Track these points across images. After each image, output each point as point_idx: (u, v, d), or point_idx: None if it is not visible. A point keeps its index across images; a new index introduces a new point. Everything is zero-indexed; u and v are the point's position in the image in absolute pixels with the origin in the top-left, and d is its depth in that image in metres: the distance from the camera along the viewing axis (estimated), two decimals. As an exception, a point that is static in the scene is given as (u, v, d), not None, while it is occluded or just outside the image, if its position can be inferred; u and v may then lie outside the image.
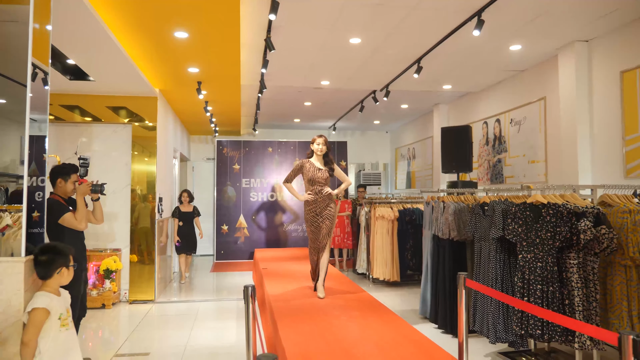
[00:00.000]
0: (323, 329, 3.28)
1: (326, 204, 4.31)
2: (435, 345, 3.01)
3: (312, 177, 4.28)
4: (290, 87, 7.38)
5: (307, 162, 4.39)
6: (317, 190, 4.26)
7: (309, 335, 3.14)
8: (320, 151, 4.34)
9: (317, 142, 4.36)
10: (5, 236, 2.72)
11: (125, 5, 3.61)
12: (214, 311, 5.68)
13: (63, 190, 3.39)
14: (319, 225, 4.28)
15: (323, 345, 2.94)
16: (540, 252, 3.42)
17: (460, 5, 4.25)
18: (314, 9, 4.32)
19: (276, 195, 10.15)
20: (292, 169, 4.51)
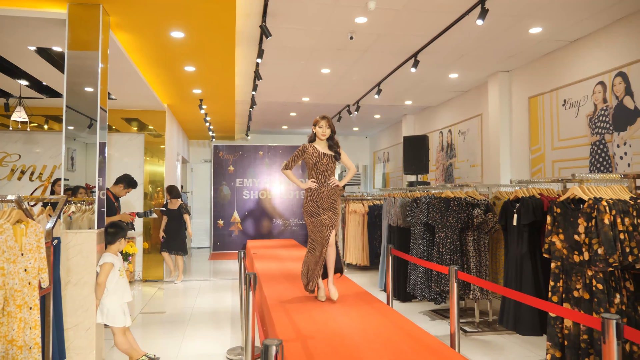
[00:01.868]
0: (298, 287, 4.65)
1: (331, 198, 3.83)
2: (374, 297, 4.39)
3: (317, 162, 3.78)
4: (277, 102, 8.76)
5: (309, 146, 3.84)
6: (322, 179, 3.79)
7: (289, 292, 4.51)
8: (324, 135, 3.81)
9: (320, 124, 3.82)
10: (74, 218, 4.07)
11: (148, 48, 4.95)
12: (213, 287, 7.03)
13: (117, 191, 4.79)
14: (320, 217, 3.79)
15: (300, 297, 4.32)
16: (449, 232, 4.81)
17: (401, 48, 5.65)
18: (291, 51, 5.69)
19: (266, 194, 11.50)
20: (292, 155, 3.95)
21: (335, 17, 4.69)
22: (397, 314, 3.62)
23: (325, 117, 3.86)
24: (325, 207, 3.79)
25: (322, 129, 3.82)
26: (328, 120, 3.86)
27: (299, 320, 3.40)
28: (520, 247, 3.63)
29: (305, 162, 3.88)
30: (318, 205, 3.80)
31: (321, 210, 3.79)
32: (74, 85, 3.85)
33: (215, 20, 4.10)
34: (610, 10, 4.53)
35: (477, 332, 4.54)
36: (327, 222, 3.79)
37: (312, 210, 3.82)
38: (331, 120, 3.88)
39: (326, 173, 3.81)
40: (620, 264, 2.63)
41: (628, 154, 4.60)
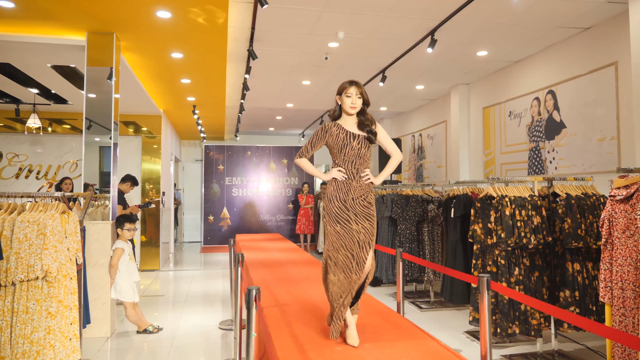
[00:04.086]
0: (279, 270, 5.48)
1: (366, 200, 2.73)
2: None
3: (344, 146, 2.73)
4: (264, 107, 9.57)
5: (333, 125, 2.80)
6: (354, 170, 2.73)
7: (272, 274, 5.34)
8: (353, 107, 2.72)
9: (348, 92, 2.73)
10: (90, 212, 4.85)
11: (150, 65, 5.72)
12: (204, 275, 7.83)
13: (124, 188, 5.62)
14: (351, 225, 2.66)
15: (277, 276, 5.15)
16: (408, 224, 5.67)
17: (371, 66, 6.49)
18: (275, 67, 6.51)
19: (254, 191, 12.30)
20: (309, 139, 2.89)
21: (311, 43, 5.52)
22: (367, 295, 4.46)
23: (355, 83, 2.74)
24: (357, 212, 2.66)
25: (352, 98, 2.70)
26: (359, 87, 2.73)
27: (278, 293, 4.23)
28: (455, 234, 4.50)
29: (329, 148, 2.82)
30: (347, 206, 2.67)
31: (352, 216, 2.65)
32: (91, 100, 4.63)
33: (209, 44, 4.90)
34: (541, 39, 5.40)
35: (431, 308, 5.40)
36: (362, 235, 2.62)
37: (337, 212, 2.67)
38: (363, 87, 2.77)
39: (358, 161, 2.72)
40: (517, 245, 3.51)
41: (555, 159, 5.51)
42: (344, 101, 2.78)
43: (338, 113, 2.88)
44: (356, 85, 2.78)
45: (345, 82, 2.82)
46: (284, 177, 12.38)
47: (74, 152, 8.58)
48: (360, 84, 2.81)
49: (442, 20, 4.79)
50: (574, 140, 5.22)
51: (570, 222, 3.63)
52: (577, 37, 5.18)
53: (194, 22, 4.23)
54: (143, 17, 4.14)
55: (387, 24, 4.92)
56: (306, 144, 2.89)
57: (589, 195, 3.80)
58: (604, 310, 3.72)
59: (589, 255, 3.76)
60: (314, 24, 4.95)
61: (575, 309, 3.65)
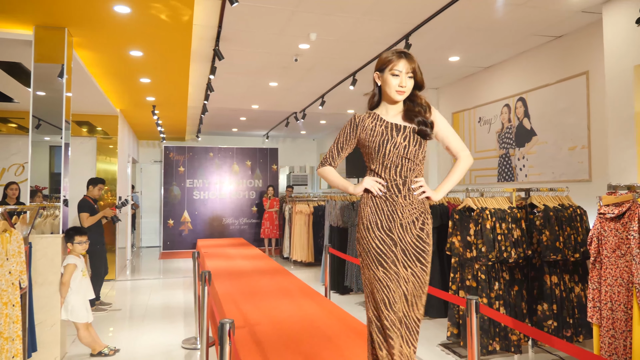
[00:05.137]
0: (246, 281, 5.21)
1: (417, 221, 1.95)
2: (312, 289, 5.02)
3: (383, 143, 1.98)
4: (228, 108, 9.22)
5: (367, 115, 2.07)
6: (398, 180, 1.96)
7: (238, 286, 5.06)
8: (402, 90, 1.99)
9: (396, 67, 1.98)
10: (37, 223, 4.43)
11: (107, 63, 5.31)
12: (164, 285, 7.44)
13: (91, 193, 5.24)
14: (397, 269, 1.89)
15: (243, 288, 4.87)
16: (379, 232, 5.52)
17: (341, 69, 6.31)
18: (241, 67, 6.21)
19: (216, 194, 11.89)
20: (337, 136, 2.15)
21: (281, 44, 5.27)
22: (331, 303, 4.26)
23: (406, 55, 2.00)
24: (407, 248, 1.89)
25: (400, 78, 1.97)
26: (411, 61, 2.00)
27: (247, 310, 3.97)
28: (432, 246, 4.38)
29: (363, 150, 2.08)
30: (393, 239, 1.89)
31: (399, 254, 1.88)
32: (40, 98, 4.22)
33: (172, 43, 4.57)
34: (513, 46, 5.37)
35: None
36: (410, 286, 1.89)
37: (380, 249, 1.90)
38: (416, 61, 2.03)
39: (405, 166, 1.95)
40: (497, 259, 3.40)
41: (525, 166, 5.50)
42: (388, 81, 1.99)
43: (377, 98, 2.09)
44: (407, 58, 1.99)
45: (390, 52, 2.01)
46: (248, 180, 12.06)
47: (21, 153, 7.95)
48: (412, 56, 2.02)
49: (417, 25, 4.66)
50: (544, 148, 5.21)
51: (549, 235, 3.57)
52: (548, 45, 5.18)
53: (156, 19, 3.90)
54: (99, 11, 3.78)
55: (362, 26, 4.75)
56: (331, 147, 2.17)
57: (566, 206, 3.75)
58: (581, 323, 3.67)
59: (566, 268, 3.71)
60: (286, 24, 4.71)
61: (553, 322, 3.59)
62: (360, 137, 2.07)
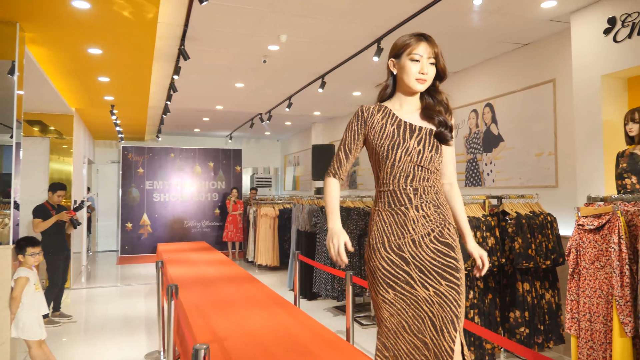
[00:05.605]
0: (211, 290, 5.01)
1: (434, 233, 1.70)
2: (280, 297, 4.88)
3: (395, 145, 1.72)
4: (191, 108, 8.93)
5: (377, 108, 1.80)
6: (410, 190, 1.71)
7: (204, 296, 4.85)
8: (422, 80, 1.74)
9: (415, 52, 1.73)
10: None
11: (62, 60, 4.98)
12: (123, 293, 7.10)
13: (51, 199, 4.92)
14: (413, 291, 1.67)
15: (210, 297, 4.68)
16: (349, 237, 5.44)
17: (310, 71, 6.20)
18: (207, 67, 5.99)
19: (177, 196, 11.53)
20: (344, 136, 1.83)
21: (250, 44, 5.11)
22: (303, 313, 4.14)
23: (426, 38, 1.76)
24: (424, 265, 1.66)
25: (421, 63, 1.72)
26: (432, 45, 1.75)
27: (216, 322, 3.79)
28: (404, 253, 4.35)
29: (369, 151, 1.81)
30: (404, 256, 1.68)
31: (414, 273, 1.66)
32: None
33: (135, 41, 4.32)
34: (482, 52, 5.42)
35: (372, 324, 5.22)
36: (437, 308, 1.63)
37: (387, 270, 1.70)
38: (439, 46, 1.77)
39: (417, 176, 1.71)
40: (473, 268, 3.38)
41: (493, 171, 5.57)
42: (406, 68, 1.71)
43: (391, 89, 1.80)
44: (427, 41, 1.73)
45: (407, 36, 1.74)
46: (210, 181, 11.76)
47: (-36, 154, 7.41)
48: (433, 39, 1.75)
49: (389, 29, 4.60)
50: (512, 153, 5.29)
51: (521, 242, 3.58)
52: (516, 52, 5.25)
53: (118, 16, 3.66)
54: (55, 6, 3.51)
55: (333, 29, 4.65)
56: (337, 150, 1.82)
57: (537, 213, 3.78)
58: (551, 329, 3.72)
59: (537, 275, 3.74)
60: (256, 25, 4.55)
61: (525, 329, 3.61)
62: (368, 136, 1.77)
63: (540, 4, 3.99)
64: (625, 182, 3.52)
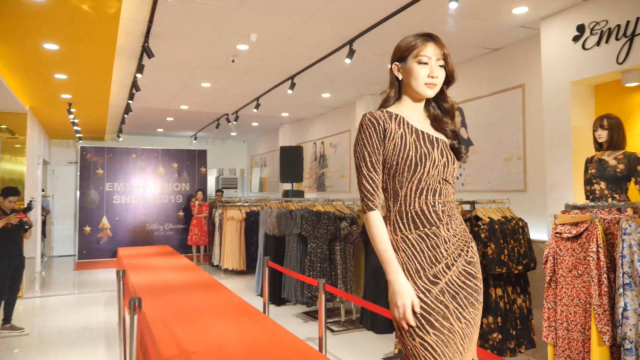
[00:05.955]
0: (175, 298, 4.79)
1: (463, 254, 1.55)
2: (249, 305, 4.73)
3: (423, 157, 1.54)
4: (154, 108, 8.62)
5: (388, 115, 1.59)
6: (439, 206, 1.55)
7: (168, 305, 4.63)
8: (432, 84, 1.59)
9: (423, 54, 1.57)
10: None
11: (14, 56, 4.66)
12: (81, 301, 6.76)
13: (2, 204, 4.60)
14: (450, 324, 1.47)
15: (174, 307, 4.47)
16: (319, 243, 5.35)
17: (280, 72, 6.06)
18: (172, 66, 5.76)
19: (139, 198, 11.13)
20: (361, 153, 1.56)
21: (219, 43, 4.93)
22: (272, 322, 4.01)
23: (434, 39, 1.61)
24: (457, 291, 1.50)
25: (430, 67, 1.58)
26: (441, 46, 1.61)
27: (181, 334, 3.61)
28: (377, 259, 4.27)
29: (386, 163, 1.57)
30: (438, 282, 1.50)
31: (450, 303, 1.48)
32: None
33: (95, 37, 4.08)
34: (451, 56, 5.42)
35: (343, 330, 5.14)
36: (466, 342, 1.50)
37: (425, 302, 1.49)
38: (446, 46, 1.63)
39: (443, 191, 1.56)
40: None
41: (462, 174, 5.60)
42: (413, 72, 1.56)
43: (397, 92, 1.64)
44: (435, 41, 1.59)
45: (411, 37, 1.60)
46: (174, 183, 11.42)
47: None
48: (440, 40, 1.61)
49: (362, 31, 4.53)
50: (481, 158, 5.32)
51: (494, 248, 3.57)
52: (486, 57, 5.29)
53: (77, 10, 3.43)
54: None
55: (305, 29, 4.54)
56: (361, 175, 1.55)
57: (509, 219, 3.79)
58: (523, 334, 3.73)
59: (509, 280, 3.74)
60: (225, 23, 4.38)
61: (498, 335, 3.61)
62: (386, 148, 1.54)
63: (512, 10, 4.01)
64: (594, 187, 3.57)
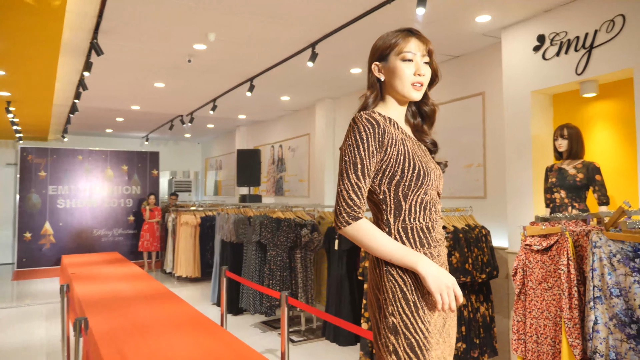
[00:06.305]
0: (125, 312, 4.49)
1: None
2: (205, 317, 4.50)
3: (427, 171, 1.41)
4: (103, 107, 8.16)
5: (383, 119, 1.41)
6: (437, 225, 1.47)
7: (118, 320, 4.33)
8: (419, 84, 1.44)
9: (407, 50, 1.44)
10: None
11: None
12: (21, 315, 6.26)
13: None
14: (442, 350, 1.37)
15: (125, 322, 4.18)
16: (279, 250, 5.19)
17: (239, 74, 5.85)
18: (124, 65, 5.43)
19: (85, 202, 10.54)
20: (352, 157, 1.36)
21: (175, 42, 4.67)
22: (231, 336, 3.81)
23: (414, 33, 1.49)
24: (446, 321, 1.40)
25: (415, 64, 1.45)
26: (424, 40, 1.49)
27: (132, 353, 3.35)
28: (341, 269, 4.17)
29: (385, 171, 1.40)
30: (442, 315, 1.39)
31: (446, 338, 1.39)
32: None
33: (37, 31, 3.75)
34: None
35: (304, 340, 5.00)
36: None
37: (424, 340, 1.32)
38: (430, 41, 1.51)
39: (438, 206, 1.48)
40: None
41: (423, 182, 5.60)
42: (397, 70, 1.42)
43: (377, 98, 1.48)
44: (419, 37, 1.45)
45: (391, 33, 1.46)
46: (124, 186, 10.90)
47: None
48: (423, 35, 1.48)
49: (325, 34, 4.42)
50: (441, 164, 5.34)
51: (459, 257, 3.55)
52: (447, 64, 5.31)
53: (18, 1, 3.11)
54: None
55: (267, 30, 4.37)
56: (347, 180, 1.34)
57: (472, 227, 3.79)
58: (485, 342, 3.72)
59: (472, 288, 3.74)
60: (183, 21, 4.15)
61: (462, 344, 3.58)
62: (387, 154, 1.36)
63: (476, 18, 4.02)
64: (555, 196, 3.62)
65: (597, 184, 3.45)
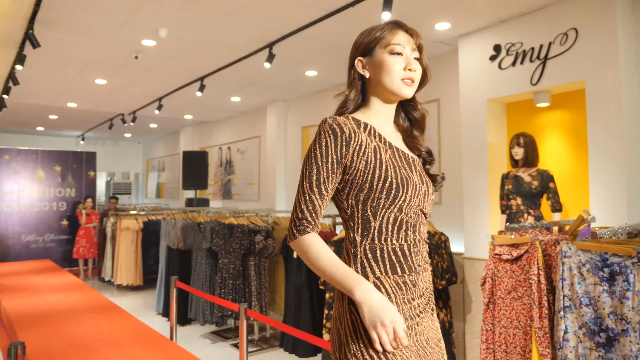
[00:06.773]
0: (62, 328, 4.11)
1: (430, 300, 1.30)
2: (152, 331, 4.21)
3: (406, 185, 1.22)
4: (35, 104, 7.54)
5: (356, 123, 1.26)
6: (419, 245, 1.26)
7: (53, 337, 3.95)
8: (410, 80, 1.27)
9: (395, 42, 1.27)
10: None
11: None
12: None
13: None
14: None
15: (61, 341, 3.82)
16: (232, 258, 4.98)
17: (188, 72, 5.58)
18: (62, 59, 5.00)
19: (12, 205, 9.73)
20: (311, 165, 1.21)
21: (121, 36, 4.35)
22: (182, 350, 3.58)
23: (401, 25, 1.33)
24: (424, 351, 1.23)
25: (405, 56, 1.29)
26: (414, 36, 1.33)
27: (75, 378, 3.06)
28: (300, 278, 4.05)
29: (353, 183, 1.23)
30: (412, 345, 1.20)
31: None
32: None
33: (-39, 18, 3.35)
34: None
35: (257, 350, 4.82)
36: None
37: None
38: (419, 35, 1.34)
39: (420, 226, 1.28)
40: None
41: (378, 186, 5.60)
42: (386, 65, 1.26)
43: (358, 97, 1.31)
44: (407, 30, 1.30)
45: (379, 26, 1.30)
46: (57, 188, 10.16)
47: None
48: (413, 30, 1.33)
49: (283, 35, 4.29)
50: (396, 169, 5.36)
51: (420, 264, 3.53)
52: (402, 70, 5.33)
53: (-61, -19, 2.74)
54: None
55: (222, 28, 4.17)
56: (304, 190, 1.21)
57: (432, 234, 3.79)
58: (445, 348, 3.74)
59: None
60: (131, 14, 3.86)
61: (422, 352, 3.57)
62: (352, 164, 1.21)
63: (435, 25, 4.04)
64: (511, 203, 3.70)
65: (551, 191, 3.56)
